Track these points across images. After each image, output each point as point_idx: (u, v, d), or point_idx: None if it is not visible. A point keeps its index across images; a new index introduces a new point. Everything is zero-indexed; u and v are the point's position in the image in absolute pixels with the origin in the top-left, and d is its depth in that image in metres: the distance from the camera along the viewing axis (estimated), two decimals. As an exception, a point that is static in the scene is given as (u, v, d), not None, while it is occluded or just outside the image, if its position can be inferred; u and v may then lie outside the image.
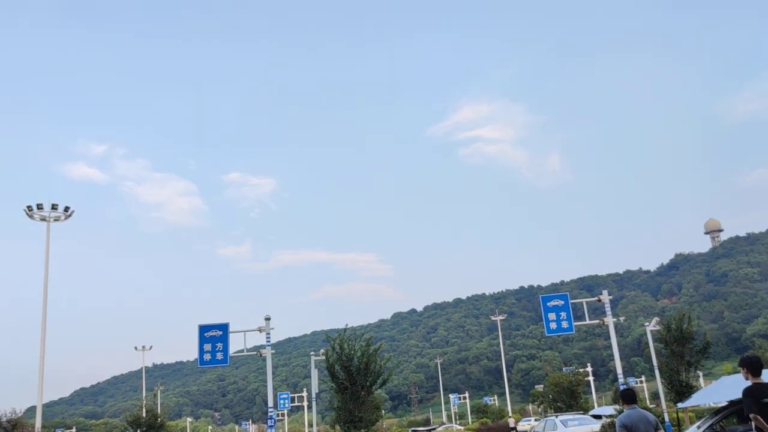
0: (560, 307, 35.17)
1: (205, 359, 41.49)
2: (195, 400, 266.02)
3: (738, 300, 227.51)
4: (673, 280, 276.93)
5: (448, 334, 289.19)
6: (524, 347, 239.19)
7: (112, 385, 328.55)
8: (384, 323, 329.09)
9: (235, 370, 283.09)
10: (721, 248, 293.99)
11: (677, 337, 43.27)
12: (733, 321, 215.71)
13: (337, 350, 37.57)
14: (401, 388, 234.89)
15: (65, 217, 50.08)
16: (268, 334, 37.23)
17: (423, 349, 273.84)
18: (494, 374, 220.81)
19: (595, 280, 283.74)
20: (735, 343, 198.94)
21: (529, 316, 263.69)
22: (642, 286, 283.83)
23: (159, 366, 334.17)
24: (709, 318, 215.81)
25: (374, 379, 37.27)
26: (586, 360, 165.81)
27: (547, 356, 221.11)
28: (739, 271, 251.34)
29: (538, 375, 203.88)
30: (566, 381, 65.21)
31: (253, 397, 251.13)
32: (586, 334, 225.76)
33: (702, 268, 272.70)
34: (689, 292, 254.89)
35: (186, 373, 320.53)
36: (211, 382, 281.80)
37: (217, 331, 41.24)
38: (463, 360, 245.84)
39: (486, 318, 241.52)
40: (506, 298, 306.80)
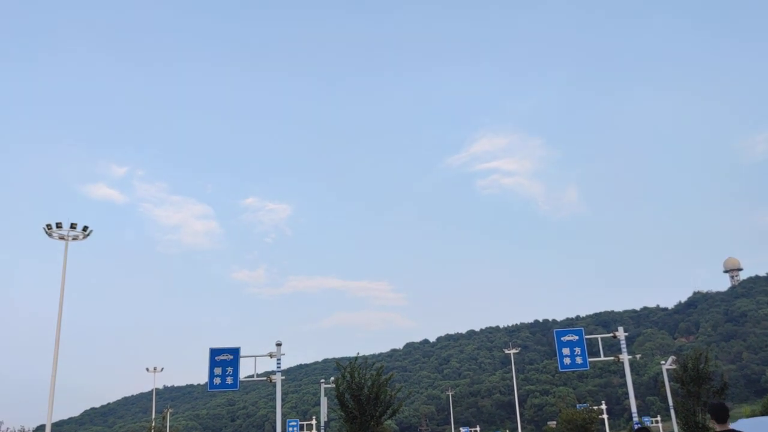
0: (575, 343, 34.69)
1: (215, 383, 41.39)
2: (204, 424, 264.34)
3: (757, 341, 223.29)
4: (690, 318, 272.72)
5: (460, 365, 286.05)
6: (538, 382, 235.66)
7: (122, 406, 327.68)
8: (396, 353, 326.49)
9: (245, 395, 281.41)
10: (740, 287, 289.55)
11: (694, 376, 42.52)
12: (752, 362, 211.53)
13: (348, 378, 37.28)
14: (411, 420, 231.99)
15: (83, 236, 50.52)
16: (279, 360, 37.06)
17: (435, 381, 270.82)
18: (506, 409, 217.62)
19: (612, 317, 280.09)
20: (754, 385, 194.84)
21: (544, 351, 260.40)
22: (659, 323, 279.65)
23: (169, 388, 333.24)
24: (728, 358, 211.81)
25: (384, 409, 36.89)
26: (600, 397, 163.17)
27: (560, 392, 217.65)
28: (759, 312, 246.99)
29: (551, 411, 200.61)
30: (580, 418, 64.15)
31: (262, 423, 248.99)
32: (601, 371, 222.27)
33: (720, 307, 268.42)
34: (707, 331, 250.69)
35: (196, 396, 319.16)
36: (220, 407, 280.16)
37: (228, 356, 41.19)
38: (475, 393, 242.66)
39: (499, 351, 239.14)
40: (520, 331, 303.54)
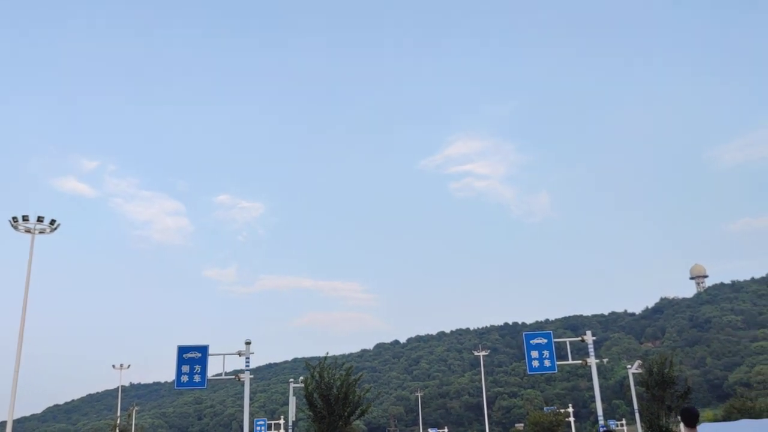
0: (543, 345, 34.95)
1: (182, 381, 40.90)
2: (170, 422, 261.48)
3: (721, 347, 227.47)
4: (657, 323, 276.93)
5: (430, 367, 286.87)
6: (506, 384, 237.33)
7: (86, 404, 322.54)
8: (366, 353, 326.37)
9: (212, 394, 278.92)
10: (705, 294, 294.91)
11: (658, 381, 43.15)
12: (715, 368, 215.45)
13: (317, 378, 37.15)
14: (380, 420, 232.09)
15: (50, 230, 49.60)
16: (248, 359, 36.79)
17: (404, 382, 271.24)
18: (475, 410, 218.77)
19: (580, 321, 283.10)
20: (717, 390, 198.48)
21: (513, 353, 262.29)
22: (626, 328, 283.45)
23: (136, 386, 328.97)
24: (692, 363, 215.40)
25: (352, 410, 36.84)
26: (567, 400, 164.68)
27: (528, 395, 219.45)
28: (723, 318, 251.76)
29: (518, 413, 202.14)
30: (547, 421, 64.80)
31: (229, 423, 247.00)
32: (569, 374, 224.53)
33: (686, 313, 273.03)
34: (672, 336, 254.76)
35: (163, 394, 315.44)
36: (187, 405, 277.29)
37: (196, 353, 40.71)
38: (444, 394, 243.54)
39: (469, 353, 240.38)
40: (490, 333, 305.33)
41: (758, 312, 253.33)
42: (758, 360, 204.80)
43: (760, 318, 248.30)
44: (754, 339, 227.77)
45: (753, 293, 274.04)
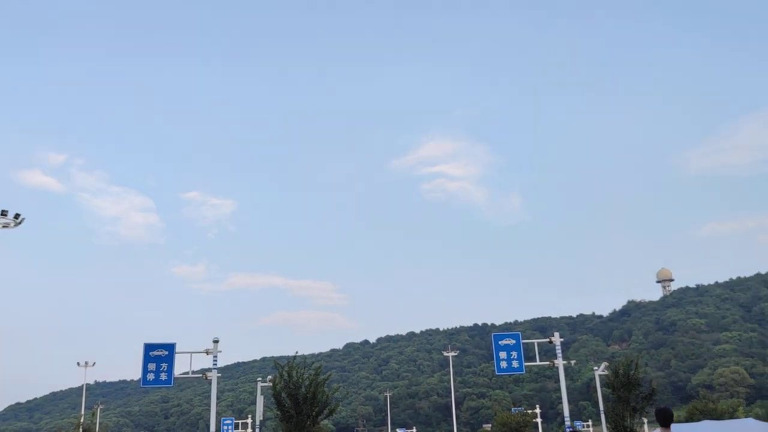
0: (512, 346, 35.17)
1: (148, 379, 40.36)
2: (136, 421, 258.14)
3: (685, 349, 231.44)
4: (624, 326, 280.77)
5: (399, 367, 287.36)
6: (475, 385, 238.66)
7: (49, 402, 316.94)
8: (336, 353, 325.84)
9: (179, 392, 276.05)
10: (671, 297, 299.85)
11: (624, 382, 43.68)
12: (679, 370, 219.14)
13: (285, 378, 36.91)
14: (348, 420, 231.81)
15: (15, 224, 48.57)
16: (215, 357, 36.44)
17: (373, 382, 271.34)
18: (443, 411, 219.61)
19: (549, 322, 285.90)
20: (680, 392, 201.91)
21: (482, 354, 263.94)
22: (594, 330, 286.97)
23: (101, 384, 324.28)
24: (657, 366, 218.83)
25: (321, 409, 36.70)
26: (535, 401, 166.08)
27: (497, 395, 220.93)
28: (687, 321, 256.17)
29: (487, 414, 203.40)
30: (514, 421, 65.24)
31: (196, 422, 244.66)
32: (537, 375, 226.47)
33: (652, 316, 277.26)
34: (639, 339, 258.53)
35: (129, 392, 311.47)
36: (154, 404, 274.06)
37: (163, 351, 40.18)
38: (413, 395, 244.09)
39: (438, 353, 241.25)
40: (460, 334, 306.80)
41: (721, 315, 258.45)
42: (720, 362, 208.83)
43: (723, 321, 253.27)
44: (716, 342, 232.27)
45: (717, 297, 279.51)
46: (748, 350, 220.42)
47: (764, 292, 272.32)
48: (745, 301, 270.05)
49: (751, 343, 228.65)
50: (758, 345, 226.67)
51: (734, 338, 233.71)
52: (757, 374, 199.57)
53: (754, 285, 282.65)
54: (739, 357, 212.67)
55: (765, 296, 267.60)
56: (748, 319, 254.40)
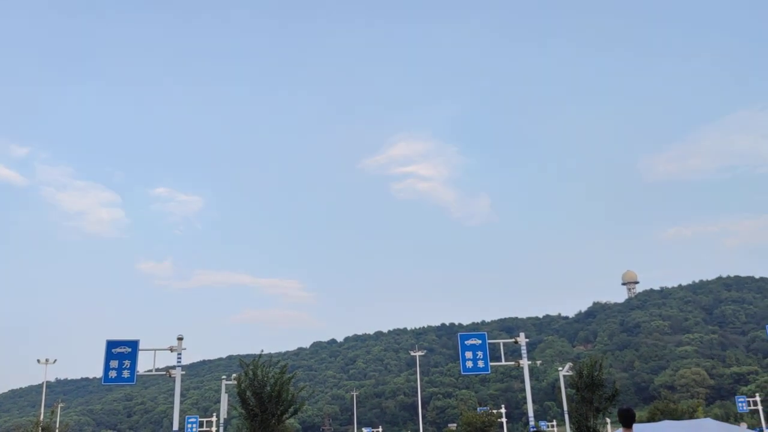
0: (477, 346, 35.27)
1: (110, 376, 39.61)
2: (98, 419, 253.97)
3: (648, 351, 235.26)
4: (589, 327, 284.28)
5: (366, 366, 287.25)
6: (441, 384, 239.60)
7: (8, 399, 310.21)
8: (303, 352, 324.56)
9: (143, 390, 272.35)
10: (636, 299, 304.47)
11: (588, 383, 44.06)
12: (642, 371, 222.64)
13: (250, 376, 36.54)
14: (315, 419, 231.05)
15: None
16: (180, 355, 35.94)
17: (340, 381, 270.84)
18: (410, 410, 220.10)
19: (515, 323, 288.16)
20: (643, 393, 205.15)
21: (449, 354, 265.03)
22: (560, 331, 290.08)
23: (62, 381, 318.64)
24: (621, 367, 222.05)
25: (286, 408, 36.41)
26: (501, 401, 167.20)
27: (463, 395, 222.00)
28: (651, 323, 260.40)
29: (453, 413, 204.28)
30: (479, 421, 65.45)
31: (160, 420, 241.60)
32: (503, 375, 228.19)
33: (617, 318, 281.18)
34: (604, 340, 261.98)
35: (91, 390, 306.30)
36: (117, 402, 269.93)
37: (125, 348, 39.47)
38: (380, 394, 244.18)
39: (406, 353, 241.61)
40: (427, 334, 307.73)
41: (684, 318, 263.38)
42: (682, 364, 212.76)
43: (685, 324, 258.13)
44: (679, 344, 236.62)
45: (680, 300, 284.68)
46: (709, 352, 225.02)
47: (725, 295, 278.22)
48: (707, 304, 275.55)
49: (711, 345, 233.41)
50: (718, 347, 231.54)
51: (696, 340, 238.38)
52: (717, 375, 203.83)
53: (715, 288, 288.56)
54: (700, 358, 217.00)
55: (726, 299, 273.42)
56: (710, 321, 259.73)
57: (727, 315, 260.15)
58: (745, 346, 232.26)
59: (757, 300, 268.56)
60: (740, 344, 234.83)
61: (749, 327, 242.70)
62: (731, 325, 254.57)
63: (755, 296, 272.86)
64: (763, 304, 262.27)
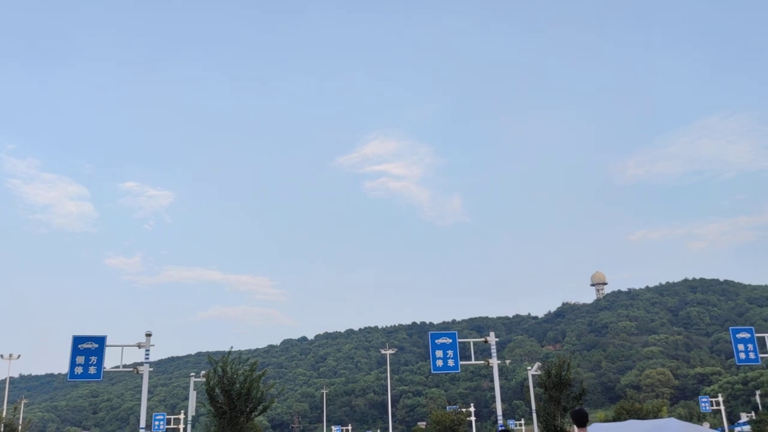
0: (448, 345, 35.46)
1: (76, 372, 38.95)
2: (62, 416, 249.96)
3: (615, 351, 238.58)
4: (558, 327, 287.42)
5: (337, 364, 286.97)
6: (411, 383, 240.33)
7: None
8: (273, 349, 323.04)
9: (110, 387, 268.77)
10: (604, 300, 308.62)
11: (556, 382, 44.50)
12: (609, 371, 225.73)
13: (219, 373, 36.26)
14: (284, 417, 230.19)
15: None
16: (148, 351, 35.55)
17: (310, 378, 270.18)
18: (379, 408, 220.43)
19: (486, 322, 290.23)
20: (610, 392, 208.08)
21: (419, 352, 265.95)
22: (529, 331, 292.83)
23: (26, 377, 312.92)
24: (588, 366, 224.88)
25: (255, 406, 36.17)
26: (470, 400, 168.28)
27: (433, 393, 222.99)
28: (619, 324, 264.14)
29: (422, 412, 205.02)
30: (448, 420, 65.64)
31: (127, 417, 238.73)
32: (472, 374, 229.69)
33: (585, 318, 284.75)
34: (572, 340, 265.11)
35: (56, 386, 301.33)
36: (82, 398, 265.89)
37: (92, 344, 38.86)
38: (350, 392, 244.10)
39: (376, 351, 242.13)
40: (398, 332, 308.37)
41: (650, 319, 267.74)
42: (648, 364, 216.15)
43: (651, 324, 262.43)
44: (645, 344, 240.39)
45: (647, 301, 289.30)
46: (674, 352, 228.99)
47: (690, 297, 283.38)
48: (673, 306, 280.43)
49: (676, 345, 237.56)
50: (683, 348, 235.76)
51: (661, 341, 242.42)
52: (681, 375, 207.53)
53: (681, 290, 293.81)
54: (665, 359, 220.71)
55: (691, 301, 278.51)
56: (675, 322, 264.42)
57: (692, 317, 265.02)
58: (709, 347, 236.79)
59: (721, 302, 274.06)
60: (704, 345, 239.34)
61: (713, 328, 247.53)
62: (696, 326, 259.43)
63: (719, 299, 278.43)
64: (726, 307, 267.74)
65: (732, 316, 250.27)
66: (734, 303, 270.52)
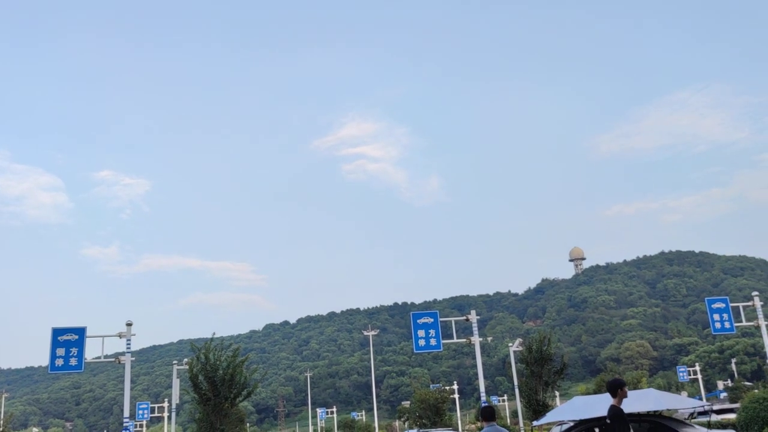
0: (429, 325, 35.71)
1: (56, 365, 38.63)
2: (45, 408, 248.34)
3: (595, 325, 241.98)
4: (538, 303, 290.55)
5: (320, 347, 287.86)
6: (395, 363, 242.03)
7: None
8: (255, 334, 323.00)
9: (92, 378, 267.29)
10: (582, 275, 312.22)
11: (537, 358, 45.10)
12: (589, 344, 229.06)
13: (202, 360, 36.23)
14: (269, 401, 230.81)
15: None
16: (129, 341, 35.31)
17: (294, 362, 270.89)
18: (363, 389, 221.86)
19: (467, 300, 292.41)
20: (590, 366, 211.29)
21: (402, 333, 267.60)
22: (510, 308, 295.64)
23: (6, 371, 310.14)
24: (569, 341, 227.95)
25: (239, 391, 36.24)
26: (453, 378, 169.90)
27: (416, 373, 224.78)
28: (598, 298, 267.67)
29: (406, 391, 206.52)
30: (432, 398, 66.09)
31: (110, 407, 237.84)
32: (455, 352, 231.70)
33: (565, 294, 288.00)
34: (552, 315, 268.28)
35: (36, 379, 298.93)
36: (64, 390, 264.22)
37: (72, 335, 38.53)
38: (334, 374, 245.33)
39: (359, 333, 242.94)
40: (380, 313, 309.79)
41: (628, 292, 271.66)
42: (627, 337, 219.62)
43: (629, 298, 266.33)
44: (624, 317, 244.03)
45: (624, 275, 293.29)
46: (652, 324, 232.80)
47: (667, 269, 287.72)
48: (650, 278, 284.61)
49: (654, 317, 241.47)
50: (661, 319, 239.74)
51: (639, 314, 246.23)
52: (660, 347, 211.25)
53: (658, 263, 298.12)
54: (644, 331, 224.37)
55: (668, 273, 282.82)
56: (653, 295, 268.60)
57: (669, 289, 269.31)
58: (686, 318, 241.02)
59: (696, 274, 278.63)
60: (681, 316, 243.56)
61: (690, 300, 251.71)
62: (673, 298, 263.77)
63: (695, 270, 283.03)
64: (702, 278, 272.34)
65: (707, 286, 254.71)
66: (709, 274, 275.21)
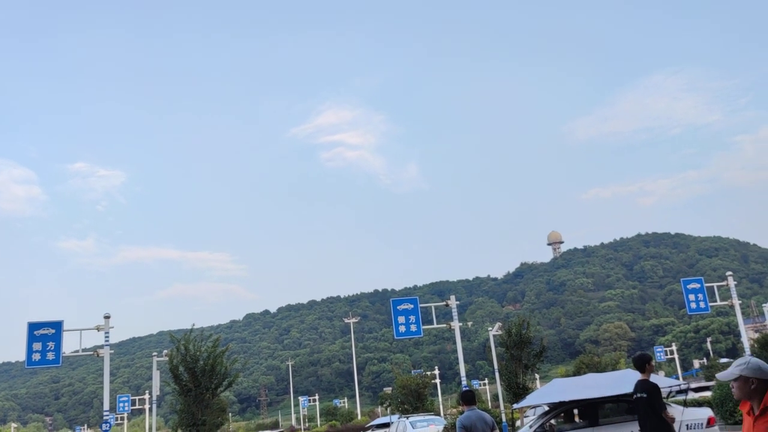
0: (410, 311, 35.79)
1: (34, 359, 38.24)
2: (23, 403, 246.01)
3: (573, 308, 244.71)
4: (517, 287, 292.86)
5: (301, 336, 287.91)
6: (376, 350, 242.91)
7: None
8: (236, 324, 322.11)
9: (71, 372, 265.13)
10: (561, 259, 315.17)
11: (517, 341, 45.41)
12: (568, 327, 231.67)
13: (182, 351, 36.03)
14: (250, 391, 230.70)
15: None
16: (107, 333, 34.98)
17: (275, 351, 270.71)
18: (345, 377, 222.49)
19: (446, 286, 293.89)
20: (569, 348, 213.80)
21: (383, 319, 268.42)
22: (489, 292, 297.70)
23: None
24: (548, 324, 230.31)
25: (220, 381, 36.10)
26: (434, 363, 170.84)
27: (397, 359, 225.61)
28: (576, 281, 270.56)
29: (388, 377, 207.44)
30: (414, 383, 66.33)
31: (90, 401, 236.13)
32: (436, 338, 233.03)
33: (543, 277, 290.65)
34: (531, 299, 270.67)
35: (14, 374, 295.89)
36: (42, 385, 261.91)
37: (49, 329, 38.11)
38: (315, 362, 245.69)
39: (340, 320, 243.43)
40: (361, 300, 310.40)
41: (606, 275, 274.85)
42: (605, 319, 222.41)
43: (607, 280, 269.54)
44: (602, 300, 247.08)
45: (602, 257, 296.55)
46: (630, 306, 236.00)
47: (644, 251, 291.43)
48: (627, 261, 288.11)
49: (632, 299, 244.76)
50: (638, 301, 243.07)
51: (617, 295, 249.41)
52: (637, 328, 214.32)
53: (635, 245, 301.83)
54: (622, 313, 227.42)
55: (645, 255, 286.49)
56: (630, 277, 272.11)
57: (646, 270, 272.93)
58: (663, 299, 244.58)
59: (673, 255, 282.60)
60: (658, 297, 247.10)
61: (666, 281, 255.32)
62: (650, 279, 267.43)
63: (671, 251, 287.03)
64: (678, 259, 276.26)
65: (683, 267, 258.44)
66: (685, 255, 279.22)
